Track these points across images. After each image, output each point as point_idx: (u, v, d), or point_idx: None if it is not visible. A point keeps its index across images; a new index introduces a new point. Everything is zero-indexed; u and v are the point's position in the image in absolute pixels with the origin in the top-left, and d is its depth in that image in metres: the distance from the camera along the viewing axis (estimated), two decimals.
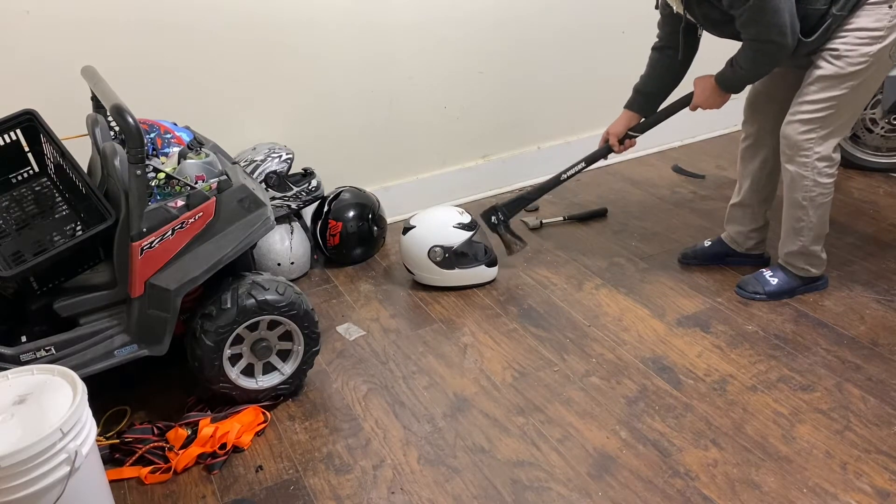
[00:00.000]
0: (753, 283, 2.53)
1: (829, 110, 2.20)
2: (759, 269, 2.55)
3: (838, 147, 2.29)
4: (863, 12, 2.12)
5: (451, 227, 2.64)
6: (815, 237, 2.41)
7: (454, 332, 2.48)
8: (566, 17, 3.30)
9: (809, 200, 2.33)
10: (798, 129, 2.24)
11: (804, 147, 2.25)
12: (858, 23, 2.12)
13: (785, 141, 2.29)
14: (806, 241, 2.40)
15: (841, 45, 2.14)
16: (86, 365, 1.92)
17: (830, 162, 2.28)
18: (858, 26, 2.12)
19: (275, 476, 1.94)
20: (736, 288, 2.56)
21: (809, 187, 2.30)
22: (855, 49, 2.13)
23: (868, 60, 2.13)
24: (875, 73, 2.19)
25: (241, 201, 1.97)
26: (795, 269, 2.48)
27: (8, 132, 2.09)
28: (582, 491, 1.82)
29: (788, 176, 2.33)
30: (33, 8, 2.40)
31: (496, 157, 3.40)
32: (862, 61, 2.13)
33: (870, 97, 2.27)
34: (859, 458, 1.86)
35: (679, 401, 2.09)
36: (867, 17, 2.12)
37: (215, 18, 2.66)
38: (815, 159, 2.26)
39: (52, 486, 1.48)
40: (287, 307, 2.06)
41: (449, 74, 3.15)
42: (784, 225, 2.44)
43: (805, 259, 2.45)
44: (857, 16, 2.12)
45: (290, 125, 2.92)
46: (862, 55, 2.13)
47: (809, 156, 2.26)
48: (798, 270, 2.48)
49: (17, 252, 1.92)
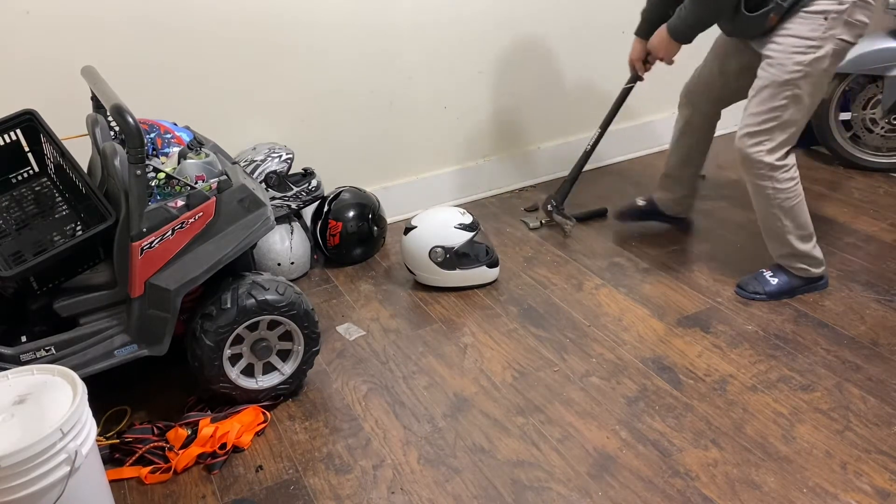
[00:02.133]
0: (754, 283, 2.53)
1: (771, 122, 2.24)
2: (759, 270, 2.55)
3: (791, 153, 2.32)
4: (798, 19, 2.16)
5: (453, 227, 2.64)
6: (801, 237, 2.41)
7: (454, 332, 2.48)
8: (566, 17, 3.30)
9: (778, 207, 2.35)
10: (746, 143, 2.29)
11: (755, 159, 2.29)
12: (794, 30, 2.16)
13: (738, 154, 2.34)
14: (794, 243, 2.42)
15: (775, 53, 2.20)
16: (86, 365, 1.92)
17: (785, 168, 2.31)
18: (793, 33, 2.17)
19: (275, 476, 1.94)
20: (736, 288, 2.56)
21: (772, 195, 2.34)
22: (789, 57, 2.17)
23: (802, 70, 2.17)
24: (812, 88, 2.21)
25: (241, 201, 1.97)
26: (795, 269, 2.48)
27: (8, 132, 2.09)
28: (582, 491, 1.82)
29: (750, 187, 2.38)
30: (33, 8, 2.40)
31: (496, 157, 3.40)
32: (796, 70, 2.17)
33: (809, 110, 2.27)
34: (859, 458, 1.86)
35: (679, 401, 2.09)
36: (802, 25, 2.15)
37: (215, 18, 2.66)
38: (768, 170, 2.30)
39: (52, 486, 1.48)
40: (287, 307, 2.06)
41: (449, 74, 3.15)
42: (765, 232, 2.47)
43: (800, 259, 2.46)
44: (794, 22, 2.16)
45: (289, 125, 2.92)
46: (796, 63, 2.17)
47: (762, 166, 2.30)
48: (797, 271, 2.48)
49: (17, 252, 1.92)
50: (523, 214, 3.23)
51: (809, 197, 3.14)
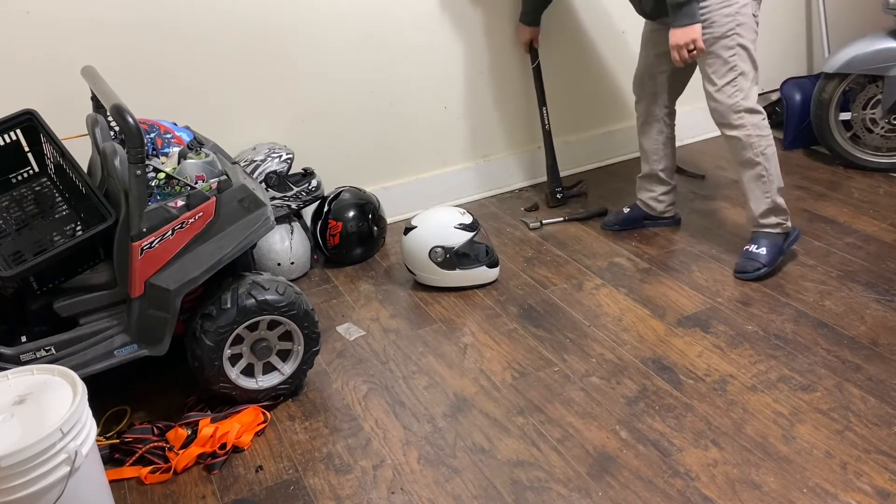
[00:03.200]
0: (747, 262, 2.61)
1: (731, 73, 2.44)
2: (743, 249, 2.64)
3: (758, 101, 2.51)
4: None
5: (453, 227, 2.64)
6: (778, 188, 2.57)
7: (454, 332, 2.48)
8: (566, 17, 3.30)
9: (761, 154, 2.51)
10: (720, 99, 2.48)
11: (734, 110, 2.47)
12: None
13: (715, 115, 2.53)
14: (772, 194, 2.56)
15: (707, 14, 2.39)
16: (86, 365, 1.92)
17: (761, 114, 2.50)
18: None
19: (275, 476, 1.94)
20: (736, 274, 2.62)
21: (756, 143, 2.50)
22: (717, 13, 2.39)
23: (732, 20, 2.40)
24: (748, 33, 2.43)
25: (241, 201, 1.97)
26: (772, 228, 2.60)
27: (8, 132, 2.09)
28: (582, 491, 1.82)
29: (732, 143, 2.54)
30: (33, 8, 2.40)
31: (496, 157, 3.40)
32: (726, 22, 2.39)
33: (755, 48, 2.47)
34: (859, 458, 1.86)
35: (679, 401, 2.09)
36: None
37: (215, 19, 2.66)
38: (746, 116, 2.47)
39: (52, 486, 1.48)
40: (287, 307, 2.06)
41: (449, 74, 3.15)
42: (748, 191, 2.59)
43: (775, 213, 2.59)
44: None
45: (290, 125, 2.92)
46: (726, 16, 2.39)
47: (742, 115, 2.47)
48: (774, 228, 2.60)
49: (17, 252, 1.92)
50: (523, 214, 3.23)
51: (810, 197, 3.16)
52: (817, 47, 3.84)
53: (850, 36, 3.32)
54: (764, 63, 3.79)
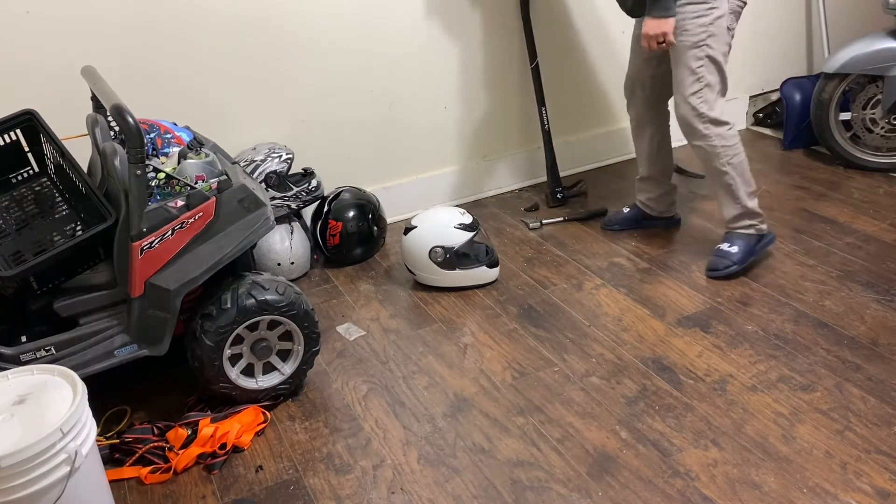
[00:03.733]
0: (719, 260, 2.65)
1: (697, 83, 2.46)
2: (716, 248, 2.68)
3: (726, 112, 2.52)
4: None
5: (453, 227, 2.64)
6: (749, 194, 2.60)
7: (454, 332, 2.48)
8: (566, 17, 3.30)
9: (728, 164, 2.54)
10: (686, 109, 2.51)
11: (699, 121, 2.49)
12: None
13: (680, 123, 2.56)
14: (741, 200, 2.59)
15: (680, 21, 2.41)
16: (86, 365, 1.92)
17: (728, 125, 2.52)
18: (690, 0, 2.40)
19: (275, 476, 1.94)
20: (707, 272, 2.66)
21: (722, 153, 2.53)
22: (692, 22, 2.40)
23: (706, 30, 2.41)
24: (720, 46, 2.44)
25: (241, 201, 1.97)
26: (746, 229, 2.64)
27: (8, 132, 2.09)
28: (582, 491, 1.82)
29: (699, 152, 2.57)
30: (33, 8, 2.40)
31: (496, 157, 3.40)
32: (700, 31, 2.41)
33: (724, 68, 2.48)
34: (859, 458, 1.86)
35: (679, 401, 2.09)
36: None
37: (215, 18, 2.66)
38: (713, 125, 2.50)
39: (52, 486, 1.48)
40: (287, 307, 2.06)
41: (449, 74, 3.15)
42: (718, 196, 2.65)
43: (748, 217, 2.62)
44: None
45: (289, 125, 2.92)
46: (700, 26, 2.40)
47: (707, 126, 2.50)
48: (748, 229, 2.64)
49: (17, 252, 1.92)
50: (523, 214, 3.23)
51: (809, 197, 3.16)
52: (817, 47, 3.84)
53: (850, 36, 3.32)
54: (764, 63, 3.84)
